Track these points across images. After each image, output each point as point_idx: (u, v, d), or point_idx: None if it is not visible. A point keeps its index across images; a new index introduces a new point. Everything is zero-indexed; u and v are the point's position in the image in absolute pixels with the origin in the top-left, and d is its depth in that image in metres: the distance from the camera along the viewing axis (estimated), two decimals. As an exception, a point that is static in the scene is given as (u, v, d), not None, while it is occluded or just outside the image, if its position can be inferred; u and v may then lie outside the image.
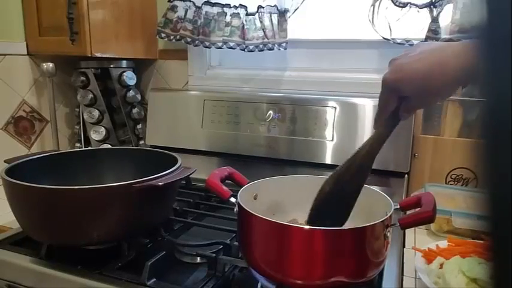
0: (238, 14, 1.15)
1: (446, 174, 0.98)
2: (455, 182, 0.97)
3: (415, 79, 0.51)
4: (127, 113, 1.28)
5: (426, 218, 0.59)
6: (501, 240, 0.19)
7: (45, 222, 0.68)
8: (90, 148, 1.23)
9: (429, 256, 0.68)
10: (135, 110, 1.28)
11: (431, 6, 0.98)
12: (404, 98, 0.55)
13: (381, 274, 0.65)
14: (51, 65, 1.13)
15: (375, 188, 0.69)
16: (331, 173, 0.62)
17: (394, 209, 0.60)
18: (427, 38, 0.99)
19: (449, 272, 0.60)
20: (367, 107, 1.03)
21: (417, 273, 0.64)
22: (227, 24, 1.16)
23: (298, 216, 0.71)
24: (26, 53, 1.20)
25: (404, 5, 0.99)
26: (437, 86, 0.51)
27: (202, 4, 1.17)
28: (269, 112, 1.12)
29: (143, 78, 1.38)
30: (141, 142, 1.32)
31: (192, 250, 0.72)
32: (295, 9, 1.13)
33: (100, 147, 1.20)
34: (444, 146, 0.96)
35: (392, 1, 1.00)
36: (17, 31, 1.18)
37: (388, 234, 0.58)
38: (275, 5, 1.14)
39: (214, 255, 0.68)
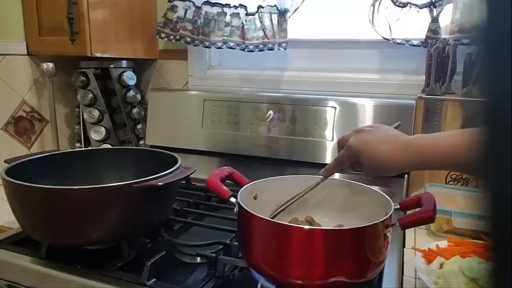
0: (238, 14, 1.15)
1: (446, 174, 0.98)
2: (455, 182, 0.97)
3: (373, 155, 0.62)
4: (127, 113, 1.28)
5: (426, 218, 0.59)
6: (501, 240, 0.19)
7: (45, 222, 0.68)
8: (90, 148, 1.23)
9: (429, 256, 0.68)
10: (135, 110, 1.28)
11: (431, 6, 0.98)
12: (357, 162, 0.66)
13: (380, 274, 0.65)
14: (51, 65, 1.13)
15: (375, 188, 0.69)
16: None
17: (394, 209, 0.60)
18: (427, 38, 0.99)
19: (449, 272, 0.60)
20: (367, 107, 1.03)
21: (417, 273, 0.64)
22: (227, 24, 1.16)
23: (298, 215, 0.71)
24: (26, 53, 1.20)
25: (404, 5, 0.99)
26: (387, 167, 0.63)
27: (202, 4, 1.17)
28: (269, 112, 1.12)
29: (143, 78, 1.38)
30: (141, 142, 1.32)
31: (192, 250, 0.72)
32: (295, 9, 1.13)
33: (100, 147, 1.20)
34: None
35: (393, 1, 1.00)
36: (17, 31, 1.18)
37: (388, 234, 0.58)
38: (275, 5, 1.14)
39: (214, 255, 0.68)
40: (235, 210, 0.62)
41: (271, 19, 1.14)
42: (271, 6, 1.14)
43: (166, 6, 1.20)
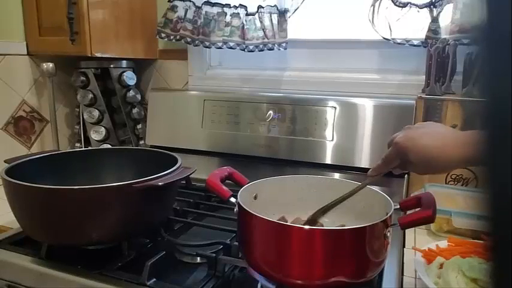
0: (238, 14, 1.15)
1: (446, 174, 0.98)
2: (455, 182, 0.97)
3: (421, 152, 0.60)
4: (127, 113, 1.28)
5: (426, 218, 0.59)
6: (501, 240, 0.19)
7: (45, 222, 0.68)
8: (90, 148, 1.23)
9: (429, 256, 0.68)
10: (135, 110, 1.28)
11: (431, 6, 0.98)
12: (406, 160, 0.63)
13: (381, 274, 0.65)
14: (51, 65, 1.13)
15: (375, 188, 0.69)
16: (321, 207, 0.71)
17: (394, 209, 0.60)
18: (427, 38, 0.99)
19: (449, 272, 0.60)
20: (367, 107, 1.03)
21: (417, 273, 0.64)
22: (227, 24, 1.16)
23: (300, 215, 0.71)
24: (26, 53, 1.20)
25: (404, 5, 0.99)
26: (436, 165, 0.61)
27: (202, 4, 1.17)
28: (269, 112, 1.12)
29: (143, 78, 1.38)
30: (141, 142, 1.32)
31: (192, 250, 0.72)
32: (295, 9, 1.13)
33: (100, 147, 1.20)
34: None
35: (393, 1, 1.00)
36: (17, 31, 1.18)
37: (388, 234, 0.58)
38: (275, 5, 1.14)
39: (214, 255, 0.68)
40: (235, 210, 0.62)
41: (271, 19, 1.14)
42: (271, 6, 1.14)
43: (166, 6, 1.20)
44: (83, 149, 1.23)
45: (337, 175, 1.05)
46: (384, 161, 0.66)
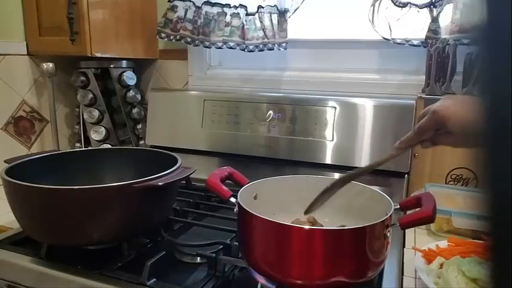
0: (238, 14, 1.15)
1: (446, 174, 0.98)
2: (455, 182, 0.97)
3: (461, 122, 0.55)
4: (127, 113, 1.28)
5: (426, 218, 0.59)
6: (501, 240, 0.19)
7: (45, 222, 0.68)
8: (90, 148, 1.23)
9: (429, 256, 0.68)
10: (135, 110, 1.28)
11: (431, 6, 0.98)
12: (442, 131, 0.59)
13: (381, 274, 0.65)
14: (51, 65, 1.13)
15: (375, 188, 0.69)
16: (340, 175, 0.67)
17: (394, 209, 0.60)
18: (427, 38, 0.99)
19: (449, 272, 0.60)
20: (367, 107, 1.03)
21: (417, 273, 0.64)
22: (227, 24, 1.16)
23: (300, 216, 0.71)
24: (26, 53, 1.20)
25: (404, 5, 0.99)
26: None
27: (202, 4, 1.17)
28: (269, 112, 1.12)
29: (143, 78, 1.38)
30: (141, 142, 1.32)
31: (192, 250, 0.72)
32: (295, 9, 1.13)
33: (100, 147, 1.20)
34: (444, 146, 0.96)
35: (393, 1, 1.00)
36: (17, 31, 1.18)
37: (388, 234, 0.58)
38: (275, 5, 1.14)
39: (214, 255, 0.68)
40: (235, 210, 0.62)
41: (271, 19, 1.14)
42: (271, 6, 1.14)
43: (167, 6, 1.20)
44: (83, 149, 1.23)
45: (337, 175, 1.05)
46: (416, 131, 0.60)
